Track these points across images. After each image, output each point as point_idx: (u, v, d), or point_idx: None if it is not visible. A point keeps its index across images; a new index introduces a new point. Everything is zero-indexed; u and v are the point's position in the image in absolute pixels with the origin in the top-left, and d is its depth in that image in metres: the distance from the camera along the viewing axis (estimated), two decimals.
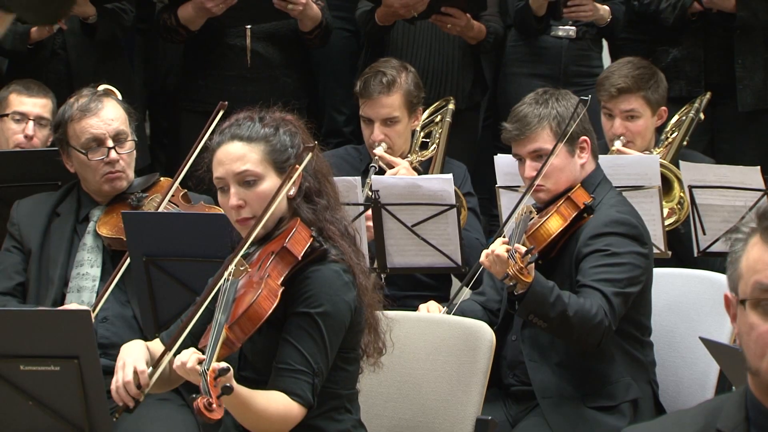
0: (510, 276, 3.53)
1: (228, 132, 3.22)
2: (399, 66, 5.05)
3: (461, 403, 3.52)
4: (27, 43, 5.52)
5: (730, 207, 4.55)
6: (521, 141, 3.95)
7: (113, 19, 5.60)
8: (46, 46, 5.62)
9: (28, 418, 3.01)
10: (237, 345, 3.02)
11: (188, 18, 5.61)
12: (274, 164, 3.19)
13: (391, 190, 4.48)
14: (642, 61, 5.13)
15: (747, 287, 2.17)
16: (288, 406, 3.06)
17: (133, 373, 3.09)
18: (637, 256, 3.80)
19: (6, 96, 5.12)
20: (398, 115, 4.97)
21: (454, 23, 5.60)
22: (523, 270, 3.52)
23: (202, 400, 2.80)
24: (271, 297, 3.04)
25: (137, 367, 3.10)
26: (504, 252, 3.56)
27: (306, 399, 3.07)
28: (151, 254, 3.77)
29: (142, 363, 3.11)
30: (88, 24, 5.57)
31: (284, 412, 3.05)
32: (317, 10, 5.60)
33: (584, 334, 3.68)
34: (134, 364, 3.11)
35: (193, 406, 2.79)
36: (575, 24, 5.91)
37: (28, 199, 4.21)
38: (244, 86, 5.64)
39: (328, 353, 3.11)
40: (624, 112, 4.98)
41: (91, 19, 5.54)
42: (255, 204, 3.17)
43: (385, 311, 3.32)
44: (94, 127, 4.05)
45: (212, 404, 2.80)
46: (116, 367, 3.13)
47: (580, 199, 3.87)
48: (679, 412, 2.45)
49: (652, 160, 4.63)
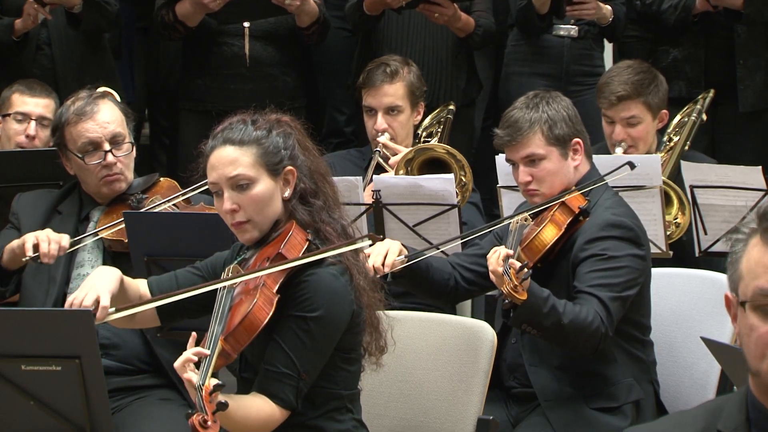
0: (504, 294, 3.50)
1: (220, 136, 3.22)
2: (402, 60, 5.13)
3: (462, 403, 3.52)
4: (12, 35, 5.53)
5: (732, 207, 4.54)
6: (513, 146, 3.92)
7: (98, 10, 5.62)
8: (31, 41, 5.63)
9: (30, 418, 3.01)
10: (233, 356, 3.02)
11: (185, 14, 5.61)
12: (266, 167, 3.18)
13: (393, 189, 4.48)
14: (641, 65, 5.10)
15: (747, 290, 2.17)
16: (270, 412, 3.07)
17: (95, 301, 3.12)
18: (633, 258, 3.78)
19: (9, 96, 5.13)
20: (401, 105, 5.01)
21: (441, 12, 5.61)
22: (518, 288, 3.47)
23: (198, 417, 2.80)
24: (267, 306, 3.04)
25: (101, 299, 3.14)
26: (500, 269, 3.53)
27: (288, 402, 3.08)
28: (152, 254, 3.77)
29: (107, 296, 3.15)
30: (73, 14, 5.58)
31: (266, 417, 3.07)
32: (314, 5, 5.61)
33: (580, 342, 3.67)
34: (99, 293, 3.15)
35: (189, 423, 2.79)
36: (577, 23, 5.91)
37: (29, 193, 4.22)
38: (243, 85, 5.65)
39: (318, 357, 3.11)
40: (625, 119, 4.97)
41: (76, 9, 5.56)
42: (249, 207, 3.16)
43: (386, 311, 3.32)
44: (90, 131, 4.04)
45: (207, 421, 2.79)
46: (82, 284, 3.16)
47: (575, 204, 3.84)
48: (680, 412, 2.45)
49: (654, 159, 4.62)
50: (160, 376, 3.92)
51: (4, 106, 5.13)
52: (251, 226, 3.18)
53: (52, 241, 3.83)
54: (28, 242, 3.85)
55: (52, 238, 3.84)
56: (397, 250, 3.89)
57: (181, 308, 3.29)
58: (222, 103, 5.59)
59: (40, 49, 5.67)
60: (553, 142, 3.89)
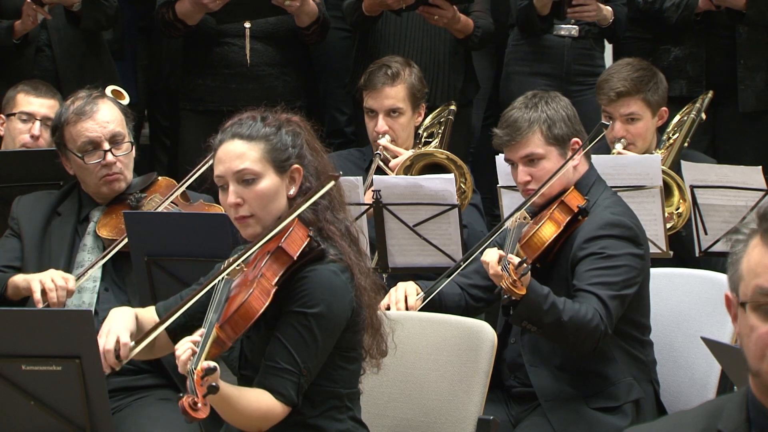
0: (504, 289, 3.51)
1: (229, 131, 3.23)
2: (403, 61, 5.12)
3: (463, 402, 3.52)
4: (12, 36, 5.53)
5: (732, 207, 4.55)
6: (512, 146, 3.93)
7: (97, 7, 5.62)
8: (31, 43, 5.63)
9: (30, 418, 3.01)
10: (228, 344, 3.03)
11: (185, 13, 5.62)
12: (273, 163, 3.19)
13: (393, 190, 4.48)
14: (641, 63, 5.11)
15: (748, 290, 2.17)
16: (270, 405, 3.07)
17: (116, 342, 3.12)
18: (632, 257, 3.79)
19: (13, 96, 5.13)
20: (402, 107, 5.02)
21: (441, 15, 5.61)
22: (517, 283, 3.49)
23: (188, 399, 2.80)
24: (263, 296, 3.04)
25: (120, 337, 3.13)
26: (497, 265, 3.54)
27: (289, 398, 3.08)
28: (152, 254, 3.77)
29: (126, 334, 3.14)
30: (73, 12, 5.59)
31: (266, 409, 3.07)
32: (314, 5, 5.61)
33: (579, 340, 3.67)
34: (118, 334, 3.14)
35: (179, 404, 2.79)
36: (578, 23, 5.91)
37: (29, 196, 4.22)
38: (244, 85, 5.65)
39: (318, 354, 3.11)
40: (624, 116, 4.98)
41: (75, 7, 5.57)
42: (253, 202, 3.17)
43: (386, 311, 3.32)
44: (90, 130, 4.04)
45: (197, 403, 2.80)
46: (100, 331, 3.16)
47: (574, 203, 3.85)
48: (680, 412, 2.45)
49: (654, 160, 4.63)
50: (160, 376, 3.93)
51: (9, 105, 5.14)
52: (254, 221, 3.19)
53: (59, 288, 3.83)
54: (35, 290, 3.82)
55: (58, 284, 3.83)
56: (414, 290, 3.98)
57: (191, 327, 3.27)
58: (223, 102, 5.60)
59: (40, 51, 5.68)
60: (552, 142, 3.90)
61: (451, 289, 4.04)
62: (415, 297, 3.96)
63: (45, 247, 4.08)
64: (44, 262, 4.03)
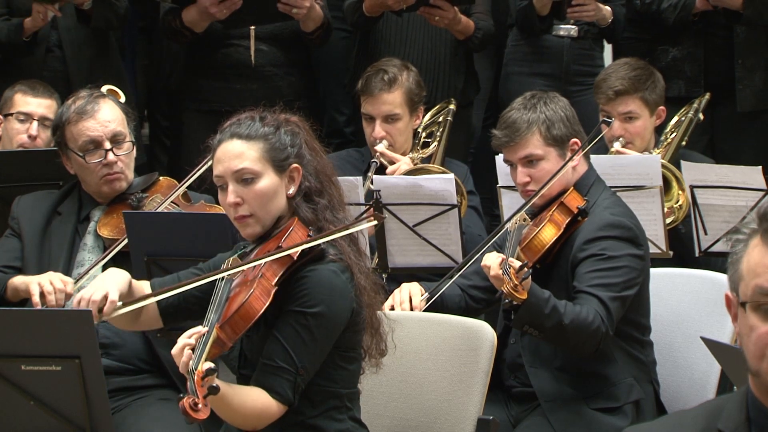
0: (505, 294, 3.50)
1: (228, 130, 3.24)
2: (401, 65, 5.09)
3: (463, 402, 3.52)
4: (22, 35, 5.53)
5: (732, 207, 4.55)
6: (511, 147, 3.93)
7: (108, 6, 5.62)
8: (40, 43, 5.63)
9: (30, 418, 3.01)
10: (228, 344, 3.03)
11: (192, 21, 5.62)
12: (272, 162, 3.19)
13: (393, 189, 4.48)
14: (639, 62, 5.13)
15: (748, 290, 2.17)
16: (266, 403, 3.08)
17: (103, 297, 3.16)
18: (632, 258, 3.79)
19: (11, 96, 5.14)
20: (399, 113, 5.00)
21: (441, 16, 5.61)
22: (518, 287, 3.48)
23: (188, 399, 2.80)
24: (263, 297, 3.05)
25: (109, 293, 3.18)
26: (498, 269, 3.54)
27: (285, 397, 3.08)
28: (152, 254, 3.77)
29: (115, 292, 3.19)
30: (83, 11, 5.58)
31: (261, 408, 3.07)
32: (320, 11, 5.61)
33: (581, 342, 3.67)
34: (108, 290, 3.18)
35: (179, 405, 2.80)
36: (577, 23, 5.91)
37: (29, 196, 4.22)
38: (249, 85, 5.66)
39: (316, 353, 3.12)
40: (622, 114, 4.99)
41: (86, 5, 5.57)
42: (252, 202, 3.18)
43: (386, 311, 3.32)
44: (91, 130, 4.05)
45: (198, 404, 2.80)
46: (91, 282, 3.20)
47: (573, 204, 3.84)
48: (680, 412, 2.45)
49: (654, 160, 4.63)
50: (160, 375, 3.93)
51: (7, 105, 5.14)
52: (254, 221, 3.19)
53: (58, 291, 3.84)
54: (34, 293, 3.83)
55: (57, 287, 3.84)
56: (418, 291, 4.00)
57: (184, 309, 3.30)
58: (227, 103, 5.58)
59: (50, 51, 5.67)
60: (551, 143, 3.90)
61: (452, 291, 4.04)
62: (419, 297, 3.97)
63: (45, 246, 4.08)
64: (44, 262, 4.03)
